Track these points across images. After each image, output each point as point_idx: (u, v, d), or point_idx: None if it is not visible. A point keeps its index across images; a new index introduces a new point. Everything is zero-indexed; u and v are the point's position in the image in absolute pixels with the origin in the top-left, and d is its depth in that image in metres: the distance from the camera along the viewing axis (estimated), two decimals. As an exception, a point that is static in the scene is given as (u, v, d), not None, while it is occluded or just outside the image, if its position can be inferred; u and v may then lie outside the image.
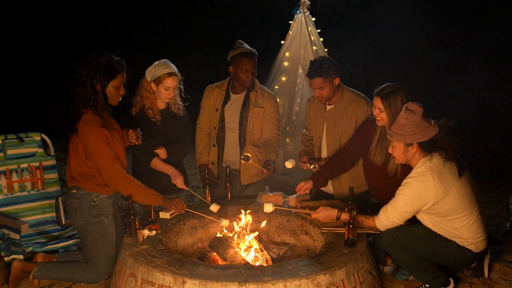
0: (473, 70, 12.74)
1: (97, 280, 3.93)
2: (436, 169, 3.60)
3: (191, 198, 6.75)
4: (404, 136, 3.62)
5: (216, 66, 8.26)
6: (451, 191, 3.59)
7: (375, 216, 3.82)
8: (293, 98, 7.25)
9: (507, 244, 4.89)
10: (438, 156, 3.64)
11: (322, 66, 4.36)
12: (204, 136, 4.93)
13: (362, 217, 3.88)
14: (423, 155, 3.67)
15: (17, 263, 3.90)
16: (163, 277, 3.18)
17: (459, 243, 3.70)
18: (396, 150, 3.73)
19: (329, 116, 4.63)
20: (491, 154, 8.78)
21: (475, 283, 4.05)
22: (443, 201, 3.59)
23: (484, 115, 11.96)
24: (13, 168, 4.58)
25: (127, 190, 3.72)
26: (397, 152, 3.73)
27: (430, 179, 3.57)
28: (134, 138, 4.04)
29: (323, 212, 4.01)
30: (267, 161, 4.65)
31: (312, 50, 6.90)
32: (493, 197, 6.85)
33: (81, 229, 3.87)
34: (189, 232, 4.28)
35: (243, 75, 4.60)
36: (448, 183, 3.59)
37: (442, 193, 3.57)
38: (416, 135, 3.59)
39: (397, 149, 3.72)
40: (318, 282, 3.17)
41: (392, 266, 4.19)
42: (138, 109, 4.35)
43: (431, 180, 3.57)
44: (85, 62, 3.64)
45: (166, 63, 4.29)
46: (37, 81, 15.03)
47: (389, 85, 4.01)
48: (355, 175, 4.61)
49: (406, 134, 3.61)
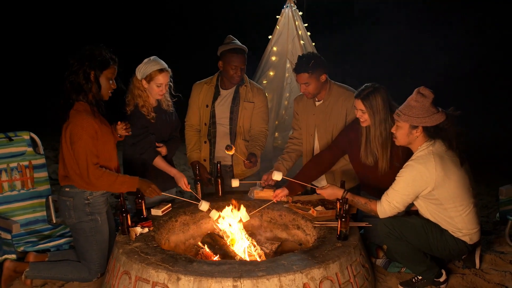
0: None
1: (90, 279, 3.92)
2: (438, 154, 3.63)
3: (181, 194, 6.75)
4: (411, 118, 3.64)
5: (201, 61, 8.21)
6: (451, 178, 3.62)
7: (377, 201, 3.84)
8: (282, 93, 7.21)
9: (497, 235, 4.94)
10: (441, 143, 3.68)
11: (309, 61, 4.37)
12: (194, 133, 4.92)
13: (365, 200, 3.91)
14: (426, 140, 3.70)
15: (9, 263, 3.88)
16: (157, 274, 3.17)
17: (452, 233, 3.73)
18: (400, 131, 3.75)
19: (319, 112, 4.64)
20: (479, 145, 8.85)
21: (467, 274, 4.09)
22: (442, 187, 3.62)
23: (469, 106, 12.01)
24: (3, 167, 4.53)
25: (100, 185, 3.71)
26: (401, 132, 3.75)
27: (432, 163, 3.60)
28: (123, 129, 4.03)
29: (329, 190, 4.04)
30: (250, 153, 4.66)
31: (300, 44, 6.88)
32: (481, 188, 6.92)
33: (74, 228, 3.85)
34: (181, 229, 4.28)
35: (232, 71, 4.60)
36: (449, 170, 3.62)
37: (442, 178, 3.59)
38: (424, 119, 3.61)
39: (401, 130, 3.74)
40: (312, 276, 3.18)
41: (384, 259, 4.22)
42: (132, 107, 4.32)
43: (433, 164, 3.59)
44: (79, 53, 3.64)
45: (156, 60, 4.27)
46: (25, 80, 14.92)
47: (368, 85, 4.04)
48: (348, 168, 4.62)
49: (413, 116, 3.63)
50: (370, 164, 4.17)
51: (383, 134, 4.02)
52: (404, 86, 4.04)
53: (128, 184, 3.79)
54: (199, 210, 4.20)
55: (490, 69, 13.49)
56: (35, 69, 14.95)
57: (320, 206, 4.16)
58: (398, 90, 4.23)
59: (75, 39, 11.10)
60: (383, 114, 3.97)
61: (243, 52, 4.60)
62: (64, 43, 13.36)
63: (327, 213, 4.11)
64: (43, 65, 14.41)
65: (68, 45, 7.71)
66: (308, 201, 4.35)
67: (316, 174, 4.59)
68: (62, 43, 14.22)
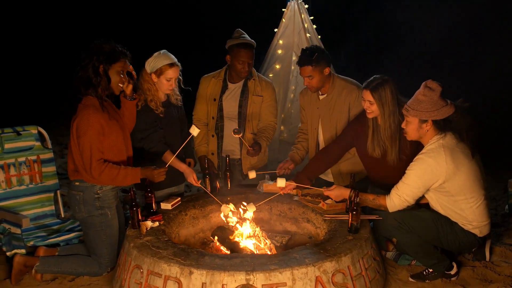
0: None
1: (100, 273, 3.92)
2: (449, 146, 3.62)
3: (188, 189, 6.75)
4: (420, 112, 3.63)
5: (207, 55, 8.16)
6: (462, 171, 3.61)
7: (386, 196, 3.83)
8: (288, 86, 7.22)
9: (506, 227, 4.92)
10: (452, 135, 3.67)
11: (313, 54, 4.35)
12: (201, 127, 4.89)
13: (373, 195, 3.91)
14: (436, 133, 3.69)
15: (19, 258, 3.87)
16: (170, 268, 3.17)
17: (462, 225, 3.73)
18: (410, 126, 3.74)
19: (323, 106, 4.62)
20: (486, 137, 8.81)
21: (477, 266, 4.08)
22: (453, 179, 3.61)
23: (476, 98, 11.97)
24: (11, 162, 4.53)
25: (103, 180, 3.70)
26: (411, 127, 3.74)
27: (442, 156, 3.59)
28: (126, 84, 3.88)
29: (336, 191, 4.04)
30: (255, 142, 4.64)
31: (306, 37, 6.87)
32: (488, 180, 6.88)
33: (84, 222, 3.85)
34: (191, 222, 4.28)
35: (240, 66, 4.57)
36: (460, 162, 3.61)
37: (453, 171, 3.59)
38: (432, 113, 3.60)
39: (411, 125, 3.73)
40: (324, 269, 3.18)
41: (394, 252, 4.21)
42: (143, 102, 4.29)
43: (444, 157, 3.59)
44: (89, 47, 3.64)
45: (166, 54, 4.23)
46: (33, 74, 14.94)
47: (377, 77, 4.02)
48: (355, 161, 4.60)
49: (422, 110, 3.62)
50: (377, 156, 4.16)
51: (392, 127, 4.01)
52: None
53: (131, 176, 3.77)
54: (208, 204, 4.21)
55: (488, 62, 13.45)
56: (42, 64, 14.95)
57: (330, 199, 4.15)
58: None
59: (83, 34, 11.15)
60: (392, 106, 3.96)
61: (251, 47, 4.57)
62: (72, 38, 13.40)
63: (337, 206, 4.10)
64: (50, 60, 14.45)
65: (75, 40, 7.71)
66: (318, 194, 4.34)
67: (324, 167, 4.58)
68: (69, 38, 14.27)
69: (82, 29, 15.27)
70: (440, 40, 13.50)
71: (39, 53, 15.53)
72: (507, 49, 12.80)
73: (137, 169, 3.81)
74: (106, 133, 3.66)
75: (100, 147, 3.64)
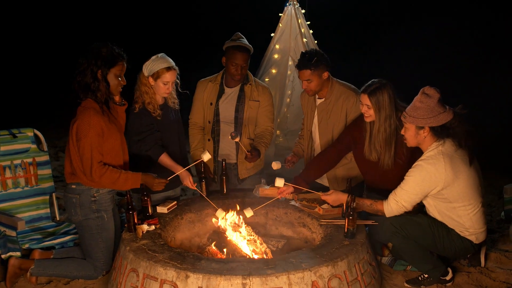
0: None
1: (95, 276, 3.91)
2: (448, 154, 3.63)
3: (183, 192, 6.74)
4: (416, 119, 3.63)
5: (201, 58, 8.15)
6: (461, 178, 3.62)
7: (384, 201, 3.83)
8: (284, 91, 7.22)
9: (501, 233, 4.93)
10: (451, 142, 3.67)
11: (312, 58, 4.36)
12: (198, 131, 4.90)
13: (370, 201, 3.91)
14: (435, 139, 3.69)
15: (14, 261, 3.86)
16: (166, 272, 3.17)
17: (459, 232, 3.74)
18: (408, 132, 3.74)
19: (320, 110, 4.64)
20: (482, 143, 8.83)
21: (472, 272, 4.09)
22: (451, 186, 3.62)
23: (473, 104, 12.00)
24: (7, 164, 4.52)
25: (103, 183, 3.68)
26: (409, 134, 3.74)
27: (441, 163, 3.59)
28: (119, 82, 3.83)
29: (333, 196, 4.02)
30: (254, 148, 4.65)
31: (303, 42, 6.87)
32: (484, 186, 6.89)
33: (80, 225, 3.83)
34: (187, 226, 4.27)
35: (233, 68, 4.57)
36: (458, 170, 3.61)
37: (451, 178, 3.59)
38: (429, 119, 3.60)
39: (409, 131, 3.73)
40: (321, 274, 3.18)
41: (389, 257, 4.22)
42: (141, 104, 4.29)
43: (443, 164, 3.59)
44: (86, 51, 3.62)
45: (164, 57, 4.23)
46: (29, 77, 14.92)
47: (375, 81, 4.04)
48: (350, 167, 4.62)
49: (418, 117, 3.62)
50: (374, 160, 4.17)
51: (387, 131, 4.02)
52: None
53: (131, 181, 3.77)
54: (204, 207, 4.20)
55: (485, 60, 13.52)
56: (38, 66, 14.93)
57: (326, 204, 4.16)
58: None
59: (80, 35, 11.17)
60: (388, 111, 3.97)
61: (247, 51, 4.57)
62: (69, 40, 13.37)
63: (333, 211, 4.10)
64: (46, 62, 14.41)
65: (72, 43, 7.69)
66: (314, 199, 4.34)
67: (322, 171, 4.58)
68: (67, 40, 14.23)
69: (79, 31, 15.26)
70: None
71: (35, 56, 15.49)
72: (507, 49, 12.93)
73: (138, 174, 3.81)
74: (105, 136, 3.66)
75: (100, 149, 3.64)
